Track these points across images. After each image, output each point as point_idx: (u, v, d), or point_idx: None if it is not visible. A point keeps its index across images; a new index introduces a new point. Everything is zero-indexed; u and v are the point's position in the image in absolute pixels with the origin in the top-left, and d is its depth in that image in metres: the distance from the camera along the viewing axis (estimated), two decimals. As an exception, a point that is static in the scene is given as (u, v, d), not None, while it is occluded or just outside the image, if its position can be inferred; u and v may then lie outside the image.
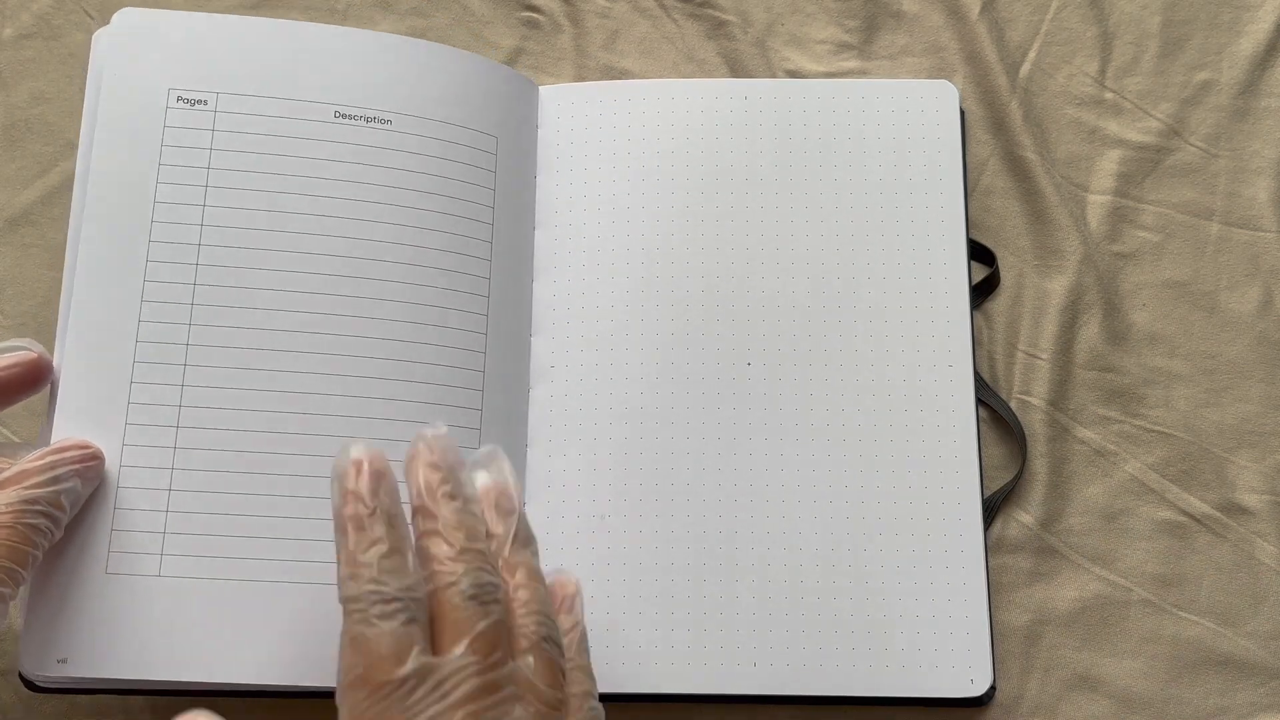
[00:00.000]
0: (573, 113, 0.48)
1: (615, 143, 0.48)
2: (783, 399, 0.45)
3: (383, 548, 0.33)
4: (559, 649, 0.35)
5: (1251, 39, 0.50)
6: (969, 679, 0.42)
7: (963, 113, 0.49)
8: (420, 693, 0.31)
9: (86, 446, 0.39)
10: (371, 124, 0.44)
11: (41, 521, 0.37)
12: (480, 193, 0.45)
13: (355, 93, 0.44)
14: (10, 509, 0.36)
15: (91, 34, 0.53)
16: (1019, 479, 0.46)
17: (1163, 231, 0.49)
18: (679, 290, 0.46)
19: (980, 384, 0.46)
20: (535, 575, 0.35)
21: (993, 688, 0.43)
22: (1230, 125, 0.50)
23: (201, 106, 0.43)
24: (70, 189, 0.51)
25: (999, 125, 0.50)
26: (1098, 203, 0.49)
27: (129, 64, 0.44)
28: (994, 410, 0.47)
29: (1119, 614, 0.45)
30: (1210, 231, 0.48)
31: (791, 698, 0.43)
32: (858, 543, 0.44)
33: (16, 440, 0.48)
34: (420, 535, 0.34)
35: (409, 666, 0.31)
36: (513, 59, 0.51)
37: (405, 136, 0.44)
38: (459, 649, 0.32)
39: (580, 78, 0.51)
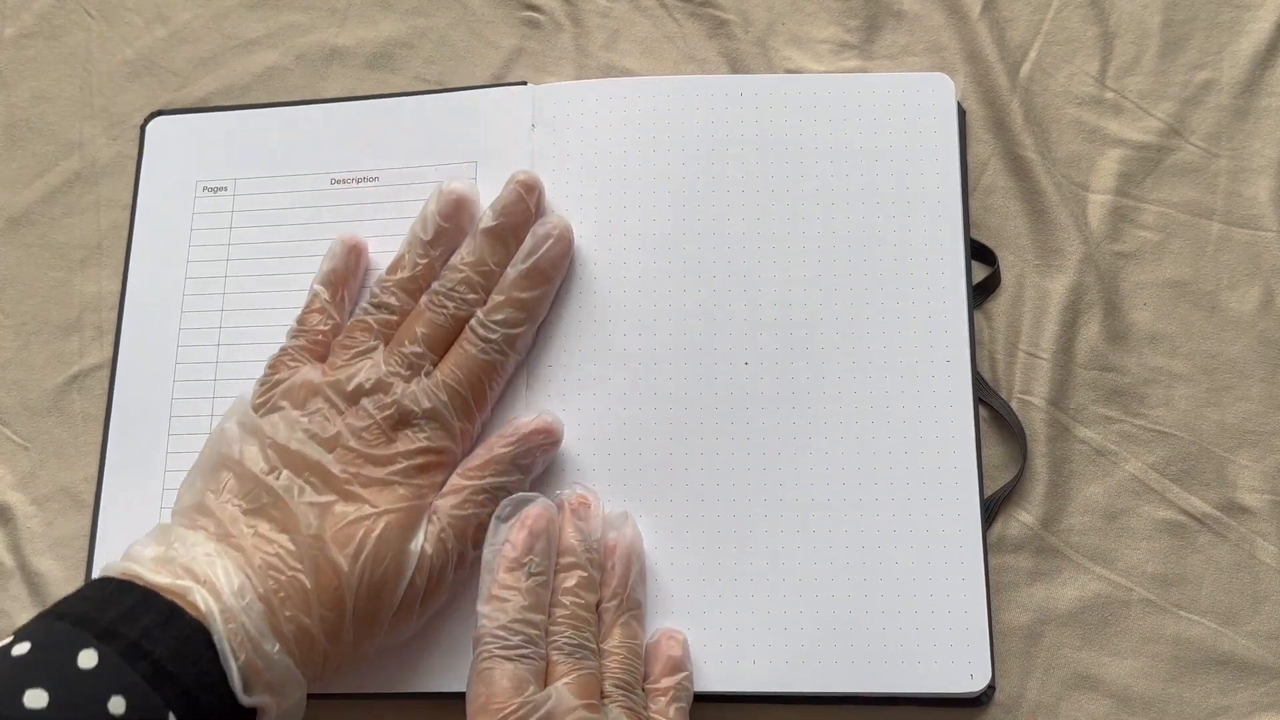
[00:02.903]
0: (569, 110, 0.48)
1: (610, 140, 0.48)
2: (780, 398, 0.45)
3: (522, 601, 0.39)
4: (636, 710, 0.39)
5: (1252, 38, 0.50)
6: (968, 674, 0.42)
7: (963, 111, 0.49)
8: (533, 719, 0.37)
9: (550, 431, 0.44)
10: (362, 184, 0.49)
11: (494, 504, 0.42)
12: None
13: (347, 158, 0.49)
14: (475, 497, 0.42)
15: (91, 34, 0.53)
16: (1019, 479, 0.46)
17: (1163, 231, 0.49)
18: (675, 288, 0.46)
19: (981, 384, 0.46)
20: (626, 641, 0.41)
21: (992, 686, 0.43)
22: (1231, 125, 0.50)
23: (222, 193, 0.50)
24: (71, 189, 0.51)
25: (999, 125, 0.50)
26: (1098, 202, 0.49)
27: (163, 164, 0.50)
28: (994, 410, 0.47)
29: (1119, 613, 0.45)
30: (1211, 231, 0.48)
31: (791, 696, 0.43)
32: (857, 541, 0.44)
33: (16, 440, 0.48)
34: (554, 588, 0.41)
35: (523, 698, 0.38)
36: (513, 59, 0.52)
37: (391, 188, 0.49)
38: (558, 688, 0.38)
39: (581, 78, 0.51)
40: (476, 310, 0.44)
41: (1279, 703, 0.44)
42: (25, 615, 0.46)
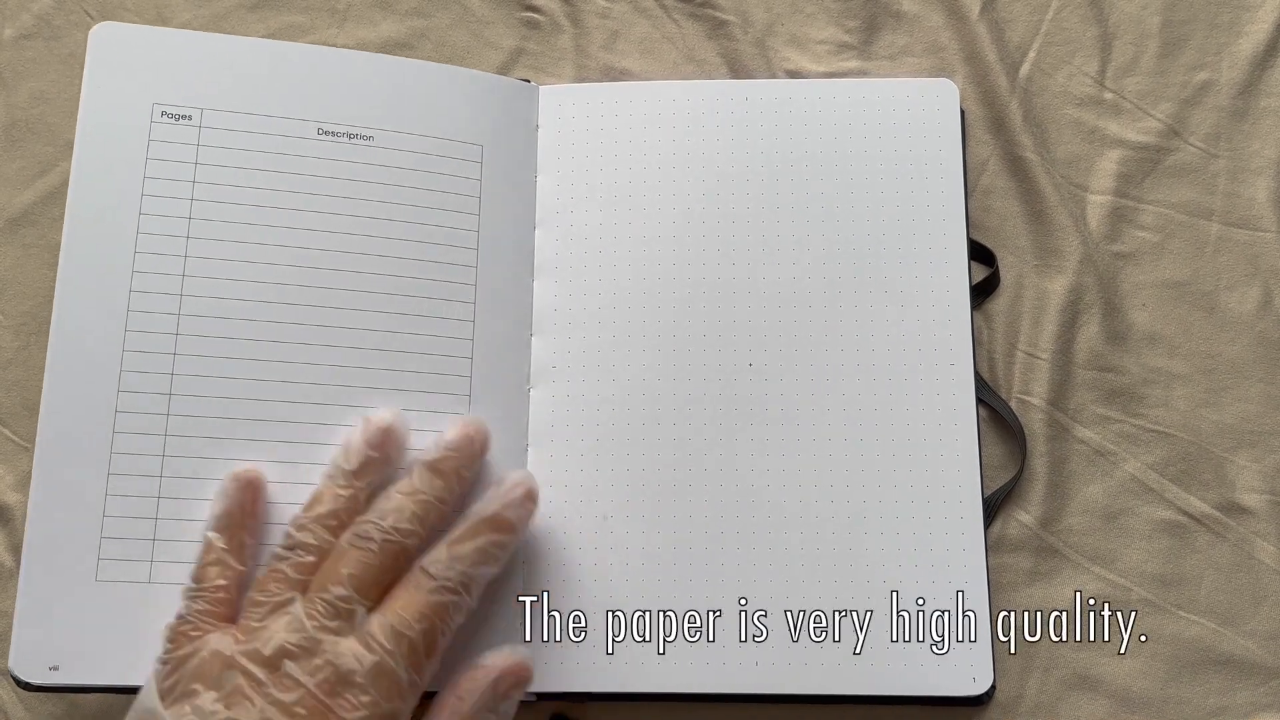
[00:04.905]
0: (573, 113, 0.48)
1: (616, 143, 0.48)
2: (783, 399, 0.45)
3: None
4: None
5: (1251, 39, 0.50)
6: (970, 677, 0.43)
7: (963, 112, 0.49)
8: None
9: (519, 674, 0.38)
10: (354, 140, 0.45)
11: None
12: (464, 201, 0.46)
13: (338, 110, 0.45)
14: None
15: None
16: (1019, 478, 0.46)
17: (1162, 231, 0.49)
18: (679, 290, 0.47)
19: (980, 384, 0.46)
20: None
21: (993, 686, 0.43)
22: (1230, 125, 0.50)
23: (186, 121, 0.44)
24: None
25: (999, 125, 0.50)
26: (1097, 203, 0.49)
27: (111, 78, 0.44)
28: (994, 410, 0.47)
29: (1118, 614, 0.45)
30: (1210, 231, 0.49)
31: (792, 696, 0.43)
32: (858, 541, 0.44)
33: (16, 439, 0.48)
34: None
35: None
36: (513, 59, 0.52)
37: (387, 152, 0.45)
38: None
39: (580, 78, 0.51)
40: (410, 545, 0.38)
41: (1278, 702, 0.44)
42: (26, 616, 0.46)
